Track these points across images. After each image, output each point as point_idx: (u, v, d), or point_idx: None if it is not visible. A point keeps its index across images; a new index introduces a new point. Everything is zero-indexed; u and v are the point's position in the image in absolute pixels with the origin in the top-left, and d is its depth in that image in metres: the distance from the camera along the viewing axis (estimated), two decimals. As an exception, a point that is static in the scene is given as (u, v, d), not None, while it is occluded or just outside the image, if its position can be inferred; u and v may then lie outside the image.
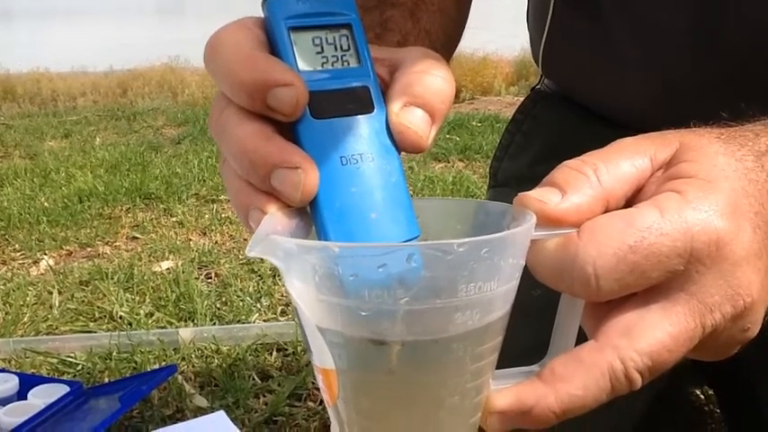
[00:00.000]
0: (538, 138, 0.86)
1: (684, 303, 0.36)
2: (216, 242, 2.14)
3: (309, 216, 0.37)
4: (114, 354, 1.46)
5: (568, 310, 0.39)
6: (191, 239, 2.18)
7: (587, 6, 0.72)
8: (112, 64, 5.90)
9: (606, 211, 0.37)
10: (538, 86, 0.91)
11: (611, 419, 0.87)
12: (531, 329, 0.43)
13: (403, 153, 0.38)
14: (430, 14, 0.60)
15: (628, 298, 0.37)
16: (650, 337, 0.35)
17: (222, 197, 2.54)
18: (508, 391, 0.36)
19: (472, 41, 5.09)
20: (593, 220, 0.36)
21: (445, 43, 0.62)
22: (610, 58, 0.72)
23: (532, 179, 0.39)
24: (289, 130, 0.37)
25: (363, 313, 0.33)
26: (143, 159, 3.07)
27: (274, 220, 0.35)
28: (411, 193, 0.46)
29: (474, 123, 3.62)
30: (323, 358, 0.34)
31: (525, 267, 0.37)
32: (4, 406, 1.14)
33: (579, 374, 0.36)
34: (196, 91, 4.88)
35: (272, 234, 0.33)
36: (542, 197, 0.37)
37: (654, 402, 0.94)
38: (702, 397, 1.21)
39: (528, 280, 0.37)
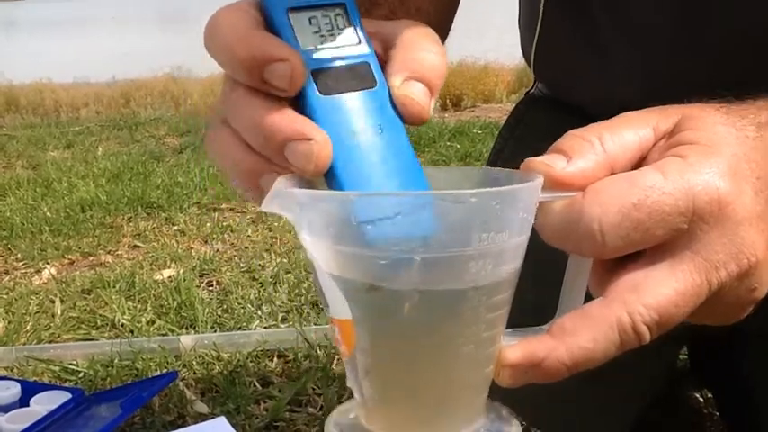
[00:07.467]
0: (531, 142, 0.86)
1: (690, 261, 0.37)
2: (217, 250, 2.14)
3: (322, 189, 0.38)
4: (116, 361, 1.47)
5: (576, 270, 0.39)
6: (192, 248, 2.18)
7: (576, 8, 0.73)
8: (115, 74, 5.91)
9: None
10: (531, 91, 0.92)
11: (610, 422, 0.88)
12: None
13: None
14: None
15: (634, 257, 0.37)
16: (657, 292, 0.36)
17: (223, 206, 2.55)
18: (519, 345, 0.37)
19: (474, 49, 5.11)
20: (598, 183, 0.37)
21: (434, 21, 0.64)
22: (599, 60, 0.73)
23: None
24: (298, 109, 0.38)
25: (382, 262, 0.33)
26: (145, 169, 3.08)
27: (287, 181, 0.36)
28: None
29: (475, 131, 3.62)
30: (339, 309, 0.35)
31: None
32: (6, 413, 1.15)
33: (588, 328, 0.36)
34: (198, 101, 4.88)
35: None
36: (549, 162, 0.38)
37: (653, 405, 0.94)
38: (701, 400, 1.21)
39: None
